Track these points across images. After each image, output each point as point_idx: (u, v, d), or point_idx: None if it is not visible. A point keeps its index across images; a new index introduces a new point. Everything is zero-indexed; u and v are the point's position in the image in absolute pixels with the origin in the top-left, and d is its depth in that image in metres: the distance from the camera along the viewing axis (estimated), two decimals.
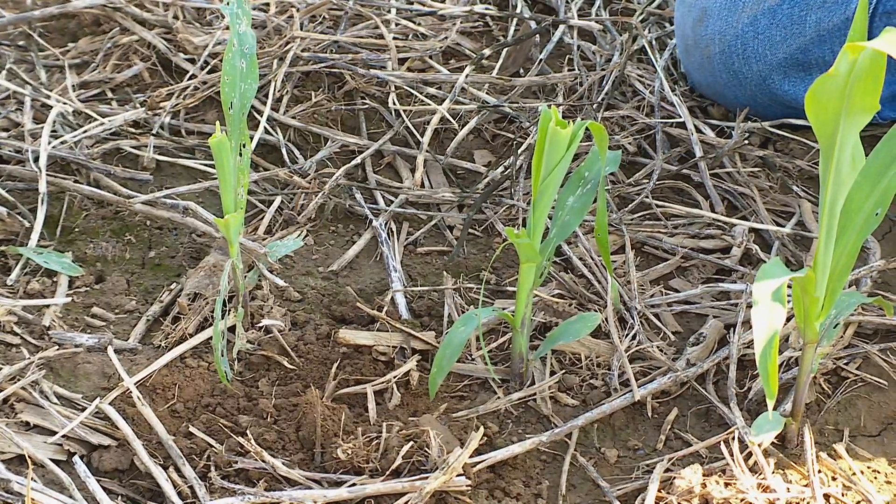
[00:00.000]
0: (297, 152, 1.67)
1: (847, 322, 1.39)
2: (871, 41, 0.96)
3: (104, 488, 1.20)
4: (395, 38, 1.83)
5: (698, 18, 1.68)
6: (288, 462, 1.21)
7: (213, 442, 1.23)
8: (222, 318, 1.26)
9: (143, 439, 1.23)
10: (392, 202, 1.60)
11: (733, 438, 1.24)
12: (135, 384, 1.29)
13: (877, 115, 1.59)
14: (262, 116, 1.66)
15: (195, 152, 1.67)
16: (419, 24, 1.88)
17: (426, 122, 1.70)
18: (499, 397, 1.31)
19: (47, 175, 1.57)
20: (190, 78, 1.77)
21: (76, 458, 1.22)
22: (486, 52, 1.80)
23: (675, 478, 1.20)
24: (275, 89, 1.72)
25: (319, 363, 1.34)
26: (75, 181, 1.59)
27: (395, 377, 1.32)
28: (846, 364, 1.36)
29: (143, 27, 1.85)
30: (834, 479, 1.22)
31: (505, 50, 1.83)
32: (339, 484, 1.19)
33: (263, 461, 1.20)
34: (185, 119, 1.72)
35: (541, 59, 1.82)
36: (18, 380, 1.30)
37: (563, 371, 1.35)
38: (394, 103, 1.72)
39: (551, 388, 1.32)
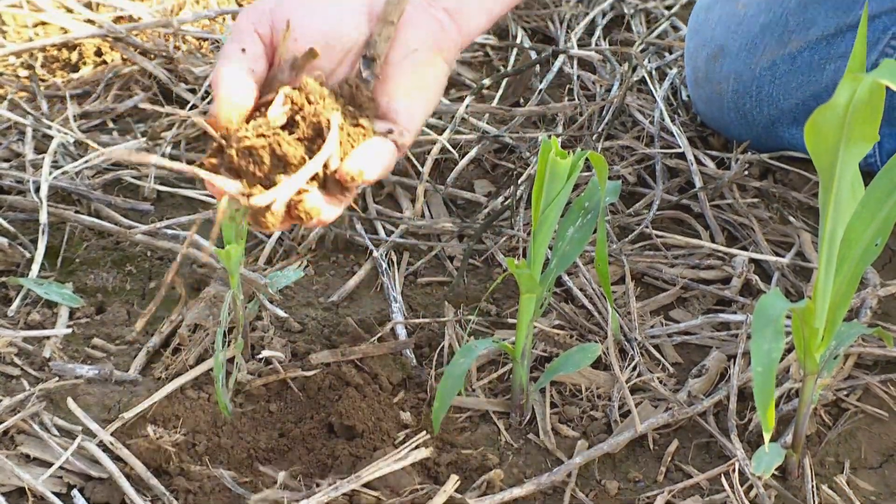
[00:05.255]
0: None
1: (847, 353, 1.39)
2: (871, 72, 0.96)
3: None
4: None
5: (713, 55, 1.68)
6: (291, 497, 1.21)
7: (214, 473, 1.23)
8: (223, 350, 1.26)
9: (134, 475, 1.23)
10: (392, 232, 1.60)
11: (734, 470, 1.23)
12: (135, 416, 1.29)
13: (878, 166, 1.60)
14: None
15: (196, 183, 1.67)
16: None
17: (426, 152, 1.71)
18: (499, 430, 1.31)
19: (48, 205, 1.57)
20: (191, 108, 1.77)
21: (75, 492, 1.22)
22: (486, 81, 1.80)
23: None
24: None
25: (320, 394, 1.34)
26: (76, 212, 1.60)
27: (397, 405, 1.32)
28: (847, 395, 1.35)
29: (144, 57, 1.85)
30: None
31: (505, 80, 1.84)
32: None
33: (265, 491, 1.20)
34: (186, 149, 1.72)
35: (541, 89, 1.82)
36: (19, 411, 1.30)
37: (564, 403, 1.35)
38: None
39: (552, 420, 1.32)
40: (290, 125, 1.06)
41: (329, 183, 1.05)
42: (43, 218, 1.55)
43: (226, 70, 1.08)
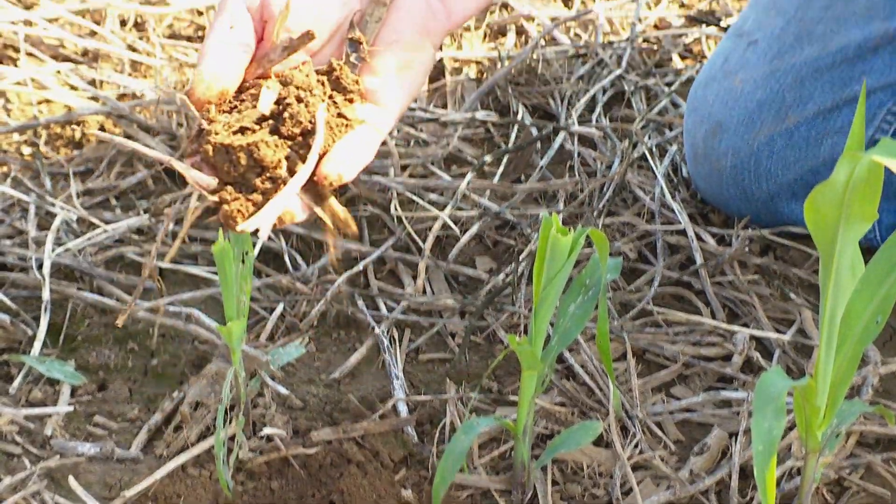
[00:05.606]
0: (299, 259, 1.67)
1: (849, 431, 1.39)
2: (869, 151, 0.97)
3: None
4: (397, 145, 1.85)
5: (711, 131, 1.69)
6: None
7: None
8: (224, 427, 1.26)
9: None
10: (394, 309, 1.60)
11: None
12: (136, 494, 1.28)
13: (878, 241, 1.61)
14: None
15: (198, 259, 1.68)
16: (421, 131, 1.90)
17: (428, 228, 1.71)
18: None
19: (51, 283, 1.58)
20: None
21: None
22: (488, 158, 1.81)
23: None
24: None
25: (321, 471, 1.34)
26: (78, 288, 1.60)
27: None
28: (849, 474, 1.35)
29: (147, 134, 1.86)
30: None
31: (506, 156, 1.84)
32: None
33: None
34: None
35: (542, 166, 1.83)
36: (20, 490, 1.30)
37: (566, 480, 1.35)
38: (396, 210, 1.73)
39: (553, 498, 1.32)
40: (274, 116, 1.05)
41: (306, 183, 1.04)
42: (45, 295, 1.55)
43: (212, 45, 1.07)
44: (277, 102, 1.06)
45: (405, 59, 1.13)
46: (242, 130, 1.04)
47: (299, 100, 1.05)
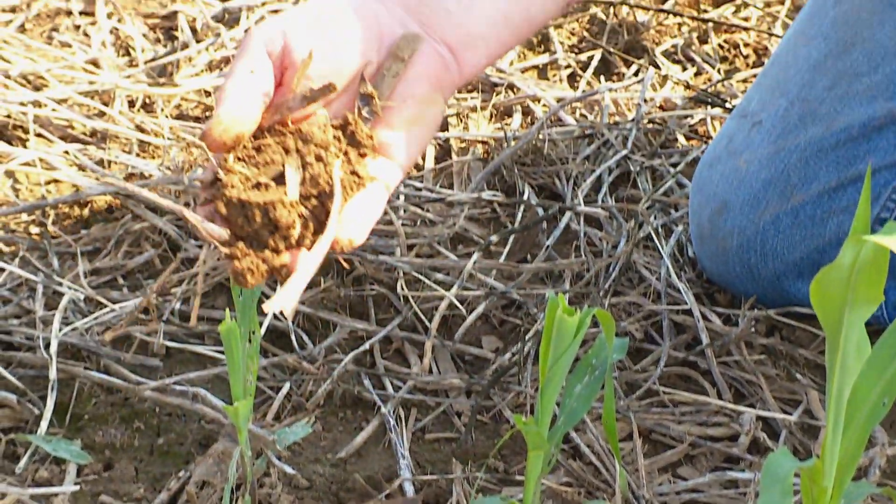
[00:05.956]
0: (305, 338, 1.67)
1: None
2: (874, 234, 0.97)
3: None
4: (403, 224, 1.86)
5: (717, 210, 1.69)
6: None
7: None
8: None
9: None
10: (400, 388, 1.60)
11: None
12: None
13: (884, 319, 1.61)
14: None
15: (205, 338, 1.68)
16: (427, 211, 1.90)
17: (434, 307, 1.72)
18: None
19: (58, 362, 1.58)
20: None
21: None
22: (494, 238, 1.82)
23: None
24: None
25: None
26: (85, 367, 1.60)
27: None
28: None
29: (154, 214, 1.87)
30: None
31: (512, 236, 1.85)
32: None
33: None
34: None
35: (548, 246, 1.83)
36: None
37: None
38: (402, 289, 1.73)
39: None
40: (286, 152, 1.06)
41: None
42: (52, 374, 1.55)
43: (231, 89, 1.07)
44: (296, 155, 1.07)
45: (418, 112, 1.13)
46: (258, 185, 1.05)
47: (318, 159, 1.06)
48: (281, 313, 1.02)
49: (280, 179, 1.06)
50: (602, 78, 2.25)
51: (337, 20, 1.13)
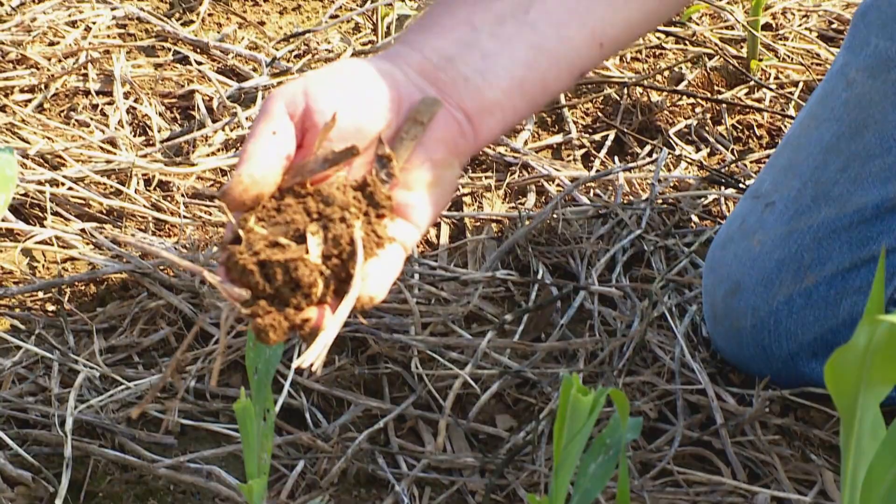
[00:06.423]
0: (320, 416, 1.68)
1: None
2: (889, 315, 0.97)
3: None
4: (418, 303, 1.86)
5: (730, 291, 1.70)
6: None
7: None
8: None
9: None
10: (414, 467, 1.60)
11: None
12: None
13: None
14: (286, 380, 1.68)
15: (220, 416, 1.68)
16: (442, 289, 1.91)
17: (448, 386, 1.72)
18: None
19: (73, 439, 1.58)
20: (215, 342, 1.79)
21: None
22: (508, 317, 1.82)
23: None
24: (298, 352, 1.74)
25: None
26: (100, 445, 1.60)
27: None
28: None
29: (170, 292, 1.88)
30: None
31: (526, 315, 1.86)
32: None
33: None
34: (210, 383, 1.73)
35: (562, 325, 1.84)
36: None
37: None
38: (416, 367, 1.74)
39: None
40: (307, 213, 1.07)
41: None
42: (67, 452, 1.55)
43: (254, 150, 1.08)
44: (317, 216, 1.08)
45: (435, 176, 1.14)
46: (277, 245, 1.05)
47: (342, 220, 1.07)
48: (309, 368, 1.03)
49: (299, 239, 1.07)
50: (616, 158, 2.26)
51: (358, 83, 1.14)
